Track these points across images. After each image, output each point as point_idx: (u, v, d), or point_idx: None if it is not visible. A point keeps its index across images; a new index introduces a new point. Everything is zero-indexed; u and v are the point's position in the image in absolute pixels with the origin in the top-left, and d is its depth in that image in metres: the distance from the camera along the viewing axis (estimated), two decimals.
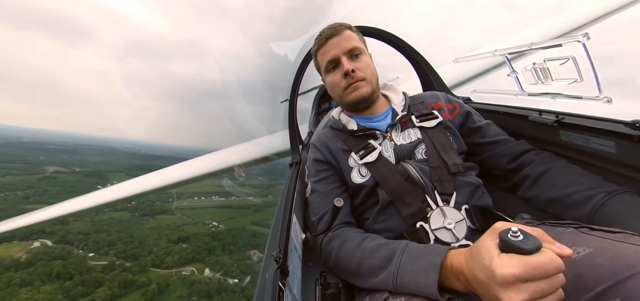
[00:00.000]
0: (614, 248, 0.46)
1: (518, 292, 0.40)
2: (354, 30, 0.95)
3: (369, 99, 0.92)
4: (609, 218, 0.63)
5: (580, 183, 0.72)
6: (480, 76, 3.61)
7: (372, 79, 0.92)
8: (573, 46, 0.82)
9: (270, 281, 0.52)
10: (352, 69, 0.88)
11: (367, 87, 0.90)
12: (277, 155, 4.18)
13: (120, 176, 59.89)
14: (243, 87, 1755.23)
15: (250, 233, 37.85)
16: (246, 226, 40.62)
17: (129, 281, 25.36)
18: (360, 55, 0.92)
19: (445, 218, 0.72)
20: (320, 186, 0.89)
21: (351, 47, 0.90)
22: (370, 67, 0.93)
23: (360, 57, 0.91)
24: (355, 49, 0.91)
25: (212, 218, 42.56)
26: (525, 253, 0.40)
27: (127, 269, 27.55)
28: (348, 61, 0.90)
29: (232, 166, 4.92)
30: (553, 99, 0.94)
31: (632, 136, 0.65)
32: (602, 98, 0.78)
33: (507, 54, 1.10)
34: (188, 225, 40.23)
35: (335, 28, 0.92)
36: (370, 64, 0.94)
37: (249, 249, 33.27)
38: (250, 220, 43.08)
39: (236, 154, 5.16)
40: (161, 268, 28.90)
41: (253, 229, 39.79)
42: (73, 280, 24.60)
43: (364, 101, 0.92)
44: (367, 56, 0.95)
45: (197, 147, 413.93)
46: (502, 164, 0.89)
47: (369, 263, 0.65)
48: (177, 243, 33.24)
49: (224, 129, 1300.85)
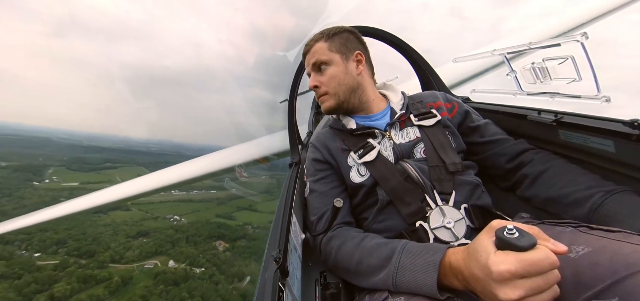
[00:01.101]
0: (612, 247, 0.46)
1: (514, 288, 0.40)
2: (325, 40, 0.93)
3: (336, 111, 0.95)
4: (608, 217, 0.63)
5: (579, 182, 0.72)
6: (480, 76, 3.61)
7: (337, 91, 0.91)
8: (572, 46, 0.82)
9: (270, 281, 0.52)
10: (314, 84, 0.93)
11: (330, 101, 0.93)
12: (277, 155, 4.18)
13: (61, 172, 56.89)
14: (207, 76, 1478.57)
15: (214, 225, 37.17)
16: (210, 219, 39.92)
17: (88, 276, 24.61)
18: (327, 67, 0.92)
19: (445, 217, 0.72)
20: (320, 186, 0.89)
21: (314, 61, 0.93)
22: (336, 78, 0.91)
23: (326, 70, 0.92)
24: (319, 62, 0.92)
25: (173, 213, 41.59)
26: (520, 249, 0.41)
27: (83, 266, 26.62)
28: (313, 76, 0.95)
29: (233, 166, 4.92)
30: (552, 99, 0.94)
31: (631, 135, 0.66)
32: (601, 97, 0.78)
33: (506, 53, 1.10)
34: (147, 220, 39.03)
35: (307, 44, 0.97)
36: (337, 74, 0.91)
37: (215, 240, 32.95)
38: (214, 213, 42.24)
39: (236, 155, 5.16)
40: (121, 263, 28.20)
41: (218, 221, 39.09)
42: (23, 278, 23.58)
43: (332, 112, 0.96)
44: (337, 66, 0.91)
45: (151, 138, 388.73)
46: (501, 163, 0.90)
47: (369, 263, 0.65)
48: (137, 238, 32.38)
49: (185, 119, 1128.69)
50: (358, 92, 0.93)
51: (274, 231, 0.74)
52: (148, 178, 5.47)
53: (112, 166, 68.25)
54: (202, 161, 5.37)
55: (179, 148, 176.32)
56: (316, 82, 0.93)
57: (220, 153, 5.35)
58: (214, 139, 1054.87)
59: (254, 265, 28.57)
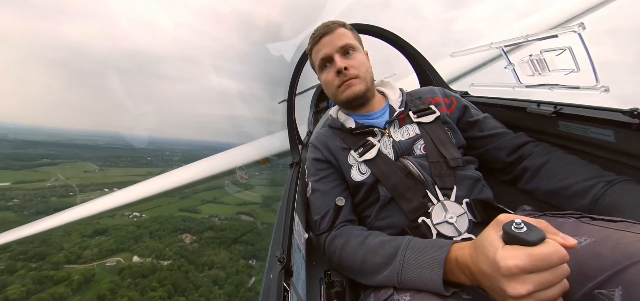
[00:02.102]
0: (615, 237, 0.46)
1: (523, 283, 0.40)
2: (348, 28, 0.95)
3: (363, 97, 0.92)
4: (610, 207, 0.63)
5: (580, 173, 0.72)
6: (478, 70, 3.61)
7: (366, 77, 0.91)
8: (569, 36, 0.82)
9: (275, 281, 0.52)
10: (344, 66, 0.88)
11: (360, 85, 0.90)
12: (277, 156, 4.18)
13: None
14: (159, 62, 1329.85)
15: (179, 219, 36.65)
16: (173, 213, 39.20)
17: (43, 277, 23.08)
18: (354, 52, 0.91)
19: (447, 212, 0.72)
20: (321, 185, 0.89)
21: (343, 44, 0.90)
22: (365, 65, 0.92)
23: (354, 55, 0.91)
24: (348, 46, 0.90)
25: (131, 209, 39.44)
26: (529, 244, 0.40)
27: (34, 269, 24.63)
28: (341, 59, 0.89)
29: (234, 168, 4.92)
30: (551, 90, 0.94)
31: (631, 124, 0.66)
32: (600, 87, 0.78)
33: (504, 46, 1.10)
34: (103, 218, 36.84)
35: (328, 26, 0.93)
36: (365, 61, 0.94)
37: (181, 234, 32.43)
38: (177, 208, 41.32)
39: (236, 156, 5.15)
40: (79, 263, 26.67)
41: (182, 215, 38.51)
42: None
43: (358, 99, 0.92)
44: (362, 53, 0.95)
45: (99, 131, 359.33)
46: (501, 157, 0.90)
47: (373, 261, 0.65)
48: (94, 236, 30.40)
49: (140, 110, 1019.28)
50: (373, 84, 0.96)
51: (277, 232, 0.74)
52: (147, 183, 5.40)
53: (51, 162, 61.86)
54: (202, 164, 5.36)
55: (130, 141, 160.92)
56: (346, 64, 0.88)
57: (220, 155, 5.34)
58: (176, 132, 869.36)
59: (223, 253, 28.28)
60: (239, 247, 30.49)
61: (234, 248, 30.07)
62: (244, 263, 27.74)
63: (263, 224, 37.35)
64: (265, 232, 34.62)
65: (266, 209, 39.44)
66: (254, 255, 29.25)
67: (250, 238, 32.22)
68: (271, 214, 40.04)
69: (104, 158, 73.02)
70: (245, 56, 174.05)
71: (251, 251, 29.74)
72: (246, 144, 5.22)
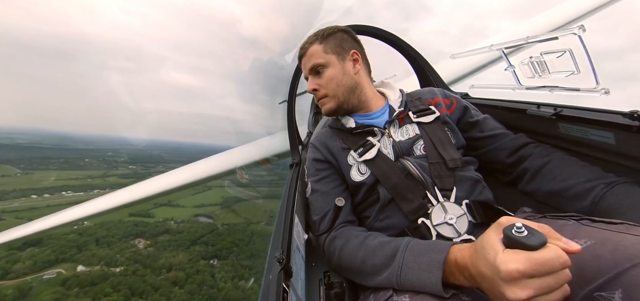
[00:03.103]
0: (615, 239, 0.46)
1: (523, 288, 0.40)
2: (319, 42, 0.92)
3: (337, 112, 0.95)
4: (610, 209, 0.63)
5: (580, 174, 0.72)
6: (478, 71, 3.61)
7: (337, 92, 0.91)
8: (569, 39, 0.82)
9: (274, 282, 0.52)
10: (313, 88, 0.93)
11: (330, 103, 0.93)
12: (277, 156, 4.18)
13: None
14: (102, 50, 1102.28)
15: (130, 224, 34.71)
16: (122, 218, 36.87)
17: None
18: (323, 70, 0.92)
19: (447, 213, 0.72)
20: (321, 186, 0.89)
21: (311, 65, 0.93)
22: (334, 80, 0.91)
23: (323, 73, 0.92)
24: (316, 65, 0.92)
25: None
26: (530, 248, 0.40)
27: None
28: (311, 80, 0.94)
29: (234, 168, 4.92)
30: (551, 92, 0.94)
31: (631, 126, 0.66)
32: (600, 89, 0.79)
33: (504, 48, 1.10)
34: None
35: (303, 47, 0.96)
36: (334, 76, 0.91)
37: (133, 239, 31.24)
38: (126, 213, 38.12)
39: (236, 157, 5.15)
40: (8, 278, 24.21)
41: (133, 220, 36.32)
42: None
43: (332, 114, 0.96)
44: (334, 67, 0.91)
45: (21, 127, 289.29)
46: (501, 158, 0.90)
47: (372, 262, 0.65)
48: (24, 248, 27.34)
49: (74, 103, 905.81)
50: (357, 91, 0.93)
51: (276, 232, 0.74)
52: (144, 184, 5.30)
53: None
54: (201, 164, 5.36)
55: (63, 139, 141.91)
56: (315, 85, 0.93)
57: (220, 155, 5.34)
58: (126, 130, 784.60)
59: (182, 255, 27.67)
60: (199, 248, 29.68)
61: (193, 250, 29.31)
62: (205, 263, 27.15)
63: (223, 225, 36.25)
64: (226, 232, 33.88)
65: (226, 211, 38.58)
66: (214, 255, 28.62)
67: (210, 239, 31.29)
68: (231, 214, 39.11)
69: (28, 160, 66.08)
70: (204, 51, 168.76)
71: (211, 252, 29.02)
72: (246, 145, 5.21)
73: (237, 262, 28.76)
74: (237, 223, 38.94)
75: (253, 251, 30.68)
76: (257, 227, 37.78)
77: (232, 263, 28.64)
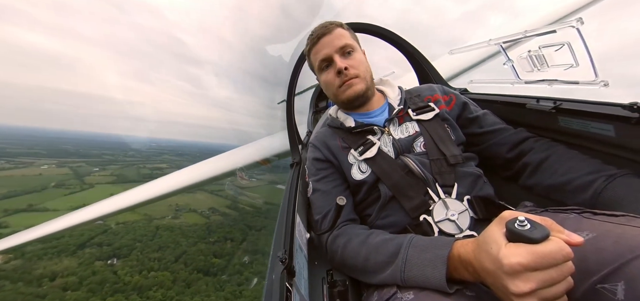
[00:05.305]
0: (617, 231, 0.46)
1: (526, 281, 0.40)
2: (346, 28, 0.95)
3: (364, 96, 0.92)
4: (611, 201, 0.63)
5: (581, 168, 0.72)
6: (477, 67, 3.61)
7: (366, 76, 0.92)
8: (567, 32, 0.82)
9: (278, 282, 0.52)
10: (345, 66, 0.88)
11: (361, 84, 0.90)
12: (277, 156, 4.18)
13: None
14: None
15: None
16: None
17: None
18: (353, 52, 0.92)
19: (448, 210, 0.72)
20: (322, 185, 0.89)
21: (343, 44, 0.90)
22: (364, 64, 0.93)
23: (353, 54, 0.91)
24: (347, 46, 0.91)
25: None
26: (532, 242, 0.40)
27: None
28: (340, 59, 0.90)
29: (234, 169, 4.92)
30: (550, 86, 0.94)
31: (631, 118, 0.66)
32: (599, 82, 0.78)
33: (502, 43, 1.10)
34: None
35: (326, 27, 0.93)
36: (364, 60, 0.94)
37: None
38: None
39: (236, 158, 5.15)
40: None
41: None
42: None
43: (359, 98, 0.92)
44: (360, 52, 0.95)
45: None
46: (501, 153, 0.90)
47: (376, 259, 0.65)
48: None
49: None
50: (372, 83, 0.96)
51: (278, 232, 0.74)
52: (145, 187, 5.22)
53: None
54: (201, 166, 5.35)
55: None
56: (346, 64, 0.89)
57: (219, 156, 5.34)
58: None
59: (67, 260, 25.99)
60: (91, 251, 27.97)
61: (82, 253, 27.43)
62: (102, 264, 25.98)
63: (118, 224, 34.02)
64: (124, 231, 32.26)
65: None
66: (113, 254, 27.17)
67: (103, 240, 29.44)
68: (127, 213, 36.42)
69: None
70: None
71: (109, 252, 27.39)
72: (246, 145, 5.21)
73: (143, 256, 27.39)
74: (137, 220, 36.47)
75: (161, 243, 28.72)
76: (163, 222, 35.43)
77: (137, 257, 27.28)
